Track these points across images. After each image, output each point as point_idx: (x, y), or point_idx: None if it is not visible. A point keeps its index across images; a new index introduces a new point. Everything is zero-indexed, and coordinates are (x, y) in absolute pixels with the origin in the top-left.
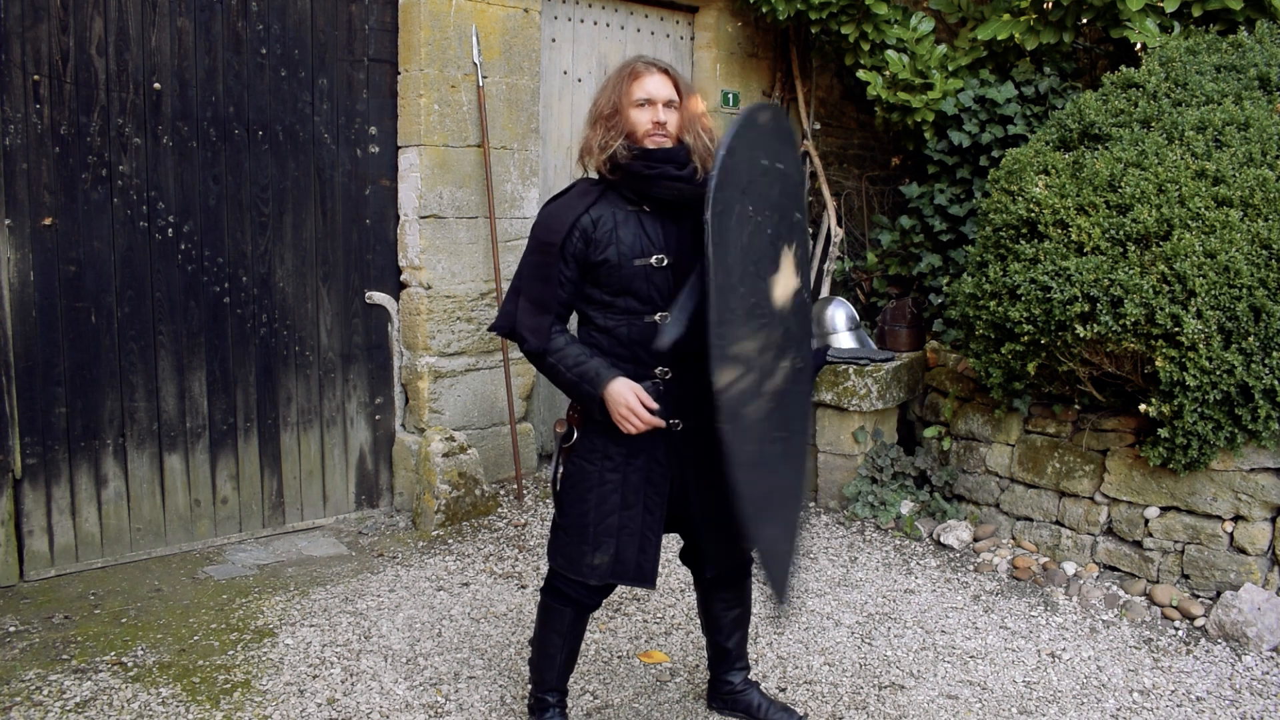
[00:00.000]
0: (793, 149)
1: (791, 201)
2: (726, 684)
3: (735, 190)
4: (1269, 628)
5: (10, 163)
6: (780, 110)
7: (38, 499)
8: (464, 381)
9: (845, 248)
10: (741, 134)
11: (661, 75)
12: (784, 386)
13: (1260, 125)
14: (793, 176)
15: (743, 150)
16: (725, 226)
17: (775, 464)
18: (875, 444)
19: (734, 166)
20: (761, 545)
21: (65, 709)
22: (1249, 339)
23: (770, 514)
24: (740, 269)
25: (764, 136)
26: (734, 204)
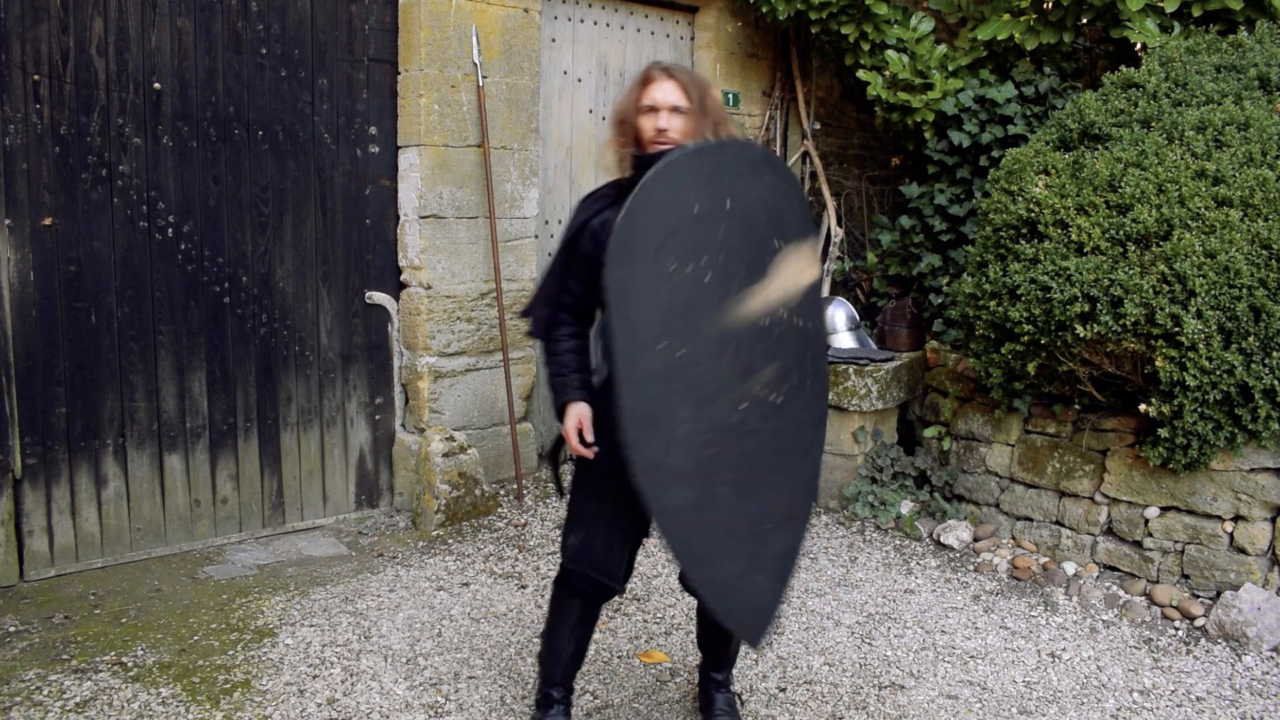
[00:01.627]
0: (761, 175)
1: (755, 237)
2: (707, 695)
3: (645, 250)
4: (1269, 628)
5: (10, 163)
6: (730, 144)
7: (38, 499)
8: (464, 381)
9: (845, 248)
10: (651, 190)
11: (671, 81)
12: (748, 425)
13: (1260, 125)
14: (756, 209)
15: (655, 206)
16: (631, 289)
17: (724, 507)
18: (875, 444)
19: (637, 227)
20: (704, 585)
21: (65, 709)
22: (1249, 339)
23: (721, 555)
24: (660, 326)
25: (698, 179)
26: (643, 265)
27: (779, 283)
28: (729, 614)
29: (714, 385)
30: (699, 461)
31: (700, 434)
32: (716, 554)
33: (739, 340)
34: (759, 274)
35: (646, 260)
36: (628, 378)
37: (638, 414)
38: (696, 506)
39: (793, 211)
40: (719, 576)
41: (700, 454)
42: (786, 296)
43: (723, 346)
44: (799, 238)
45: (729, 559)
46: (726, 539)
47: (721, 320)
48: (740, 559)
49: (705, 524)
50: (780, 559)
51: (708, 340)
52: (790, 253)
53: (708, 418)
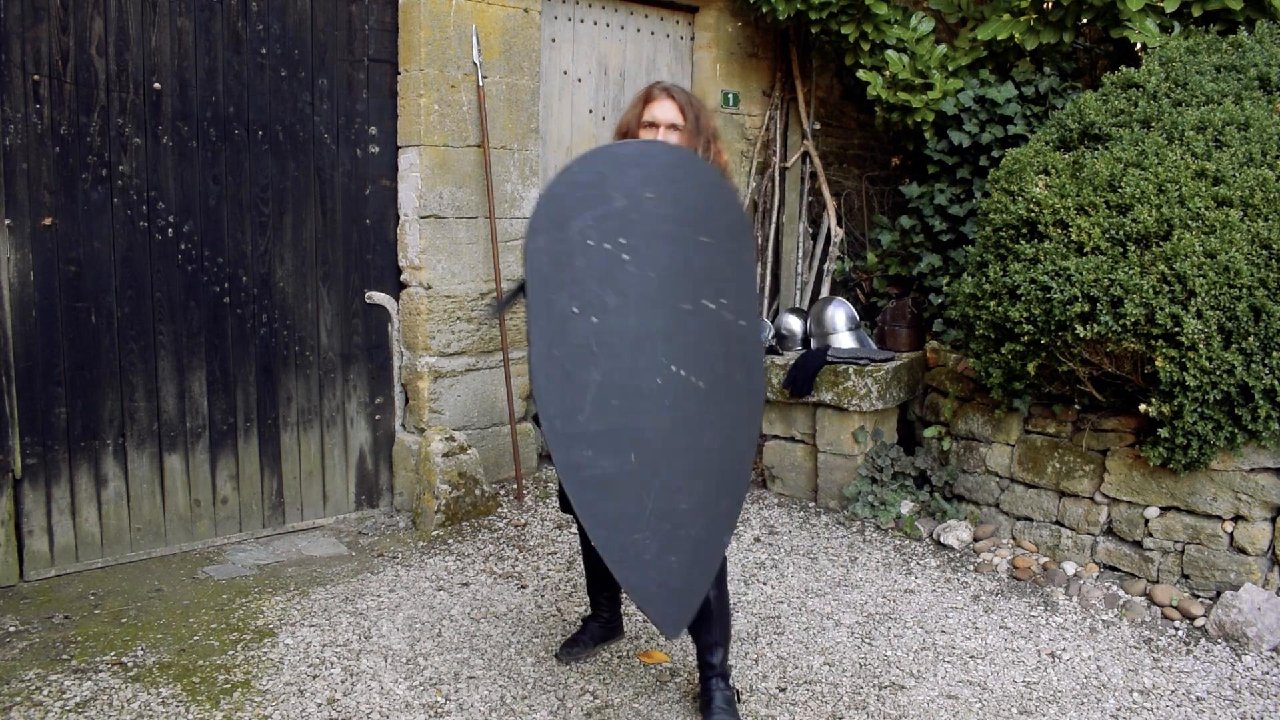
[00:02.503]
0: (691, 177)
1: (679, 230)
2: (706, 691)
3: (565, 223)
4: (1269, 628)
5: (10, 163)
6: (657, 146)
7: (38, 499)
8: (464, 381)
9: (845, 248)
10: (576, 171)
11: (670, 101)
12: (665, 400)
13: (1260, 125)
14: (682, 206)
15: (579, 186)
16: (549, 256)
17: (633, 476)
18: (875, 444)
19: (560, 202)
20: (609, 552)
21: (65, 709)
22: (1249, 339)
23: (629, 524)
24: (575, 291)
25: (624, 168)
26: (563, 235)
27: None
28: (638, 588)
29: (629, 356)
30: (609, 426)
31: (611, 398)
32: (623, 523)
33: (658, 319)
34: (682, 264)
35: (566, 232)
36: (540, 336)
37: (548, 370)
38: (604, 470)
39: (723, 215)
40: (625, 545)
41: (611, 418)
42: (715, 291)
43: (640, 321)
44: (731, 238)
45: (636, 530)
46: (635, 509)
47: (640, 298)
48: (649, 533)
49: (613, 489)
50: (698, 545)
51: (623, 314)
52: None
53: (621, 385)
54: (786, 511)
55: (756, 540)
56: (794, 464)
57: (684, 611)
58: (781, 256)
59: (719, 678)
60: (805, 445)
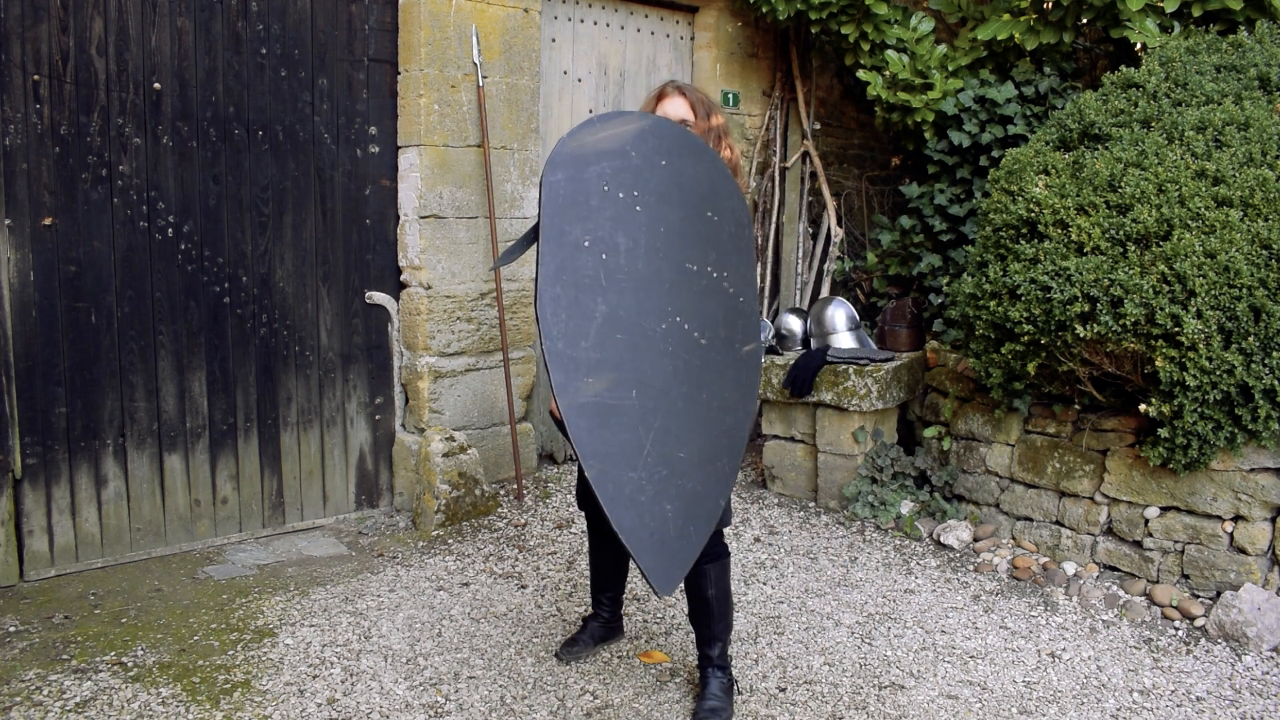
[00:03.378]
0: (700, 158)
1: (690, 198)
2: (702, 678)
3: (583, 165)
4: (1269, 628)
5: (10, 163)
6: (667, 123)
7: (38, 499)
8: (464, 381)
9: (845, 248)
10: (599, 124)
11: (681, 98)
12: (669, 345)
13: (1260, 125)
14: (691, 179)
15: (599, 137)
16: (564, 192)
17: (632, 413)
18: (875, 444)
19: (579, 147)
20: (603, 487)
21: (65, 709)
22: (1249, 339)
23: (625, 461)
24: (586, 227)
25: (640, 135)
26: (579, 174)
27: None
28: (632, 534)
29: (635, 297)
30: (611, 358)
31: (616, 331)
32: (620, 456)
33: (664, 270)
34: (689, 228)
35: (584, 173)
36: (548, 264)
37: (553, 295)
38: (603, 401)
39: (729, 200)
40: (621, 482)
41: (614, 351)
42: (717, 262)
43: (646, 266)
44: (734, 223)
45: (633, 468)
46: (633, 446)
47: (649, 248)
48: (646, 475)
49: (610, 423)
50: (694, 499)
51: (633, 255)
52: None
53: (625, 321)
54: (786, 511)
55: (756, 540)
56: (794, 464)
57: (677, 567)
58: (781, 256)
59: (716, 668)
60: (805, 445)
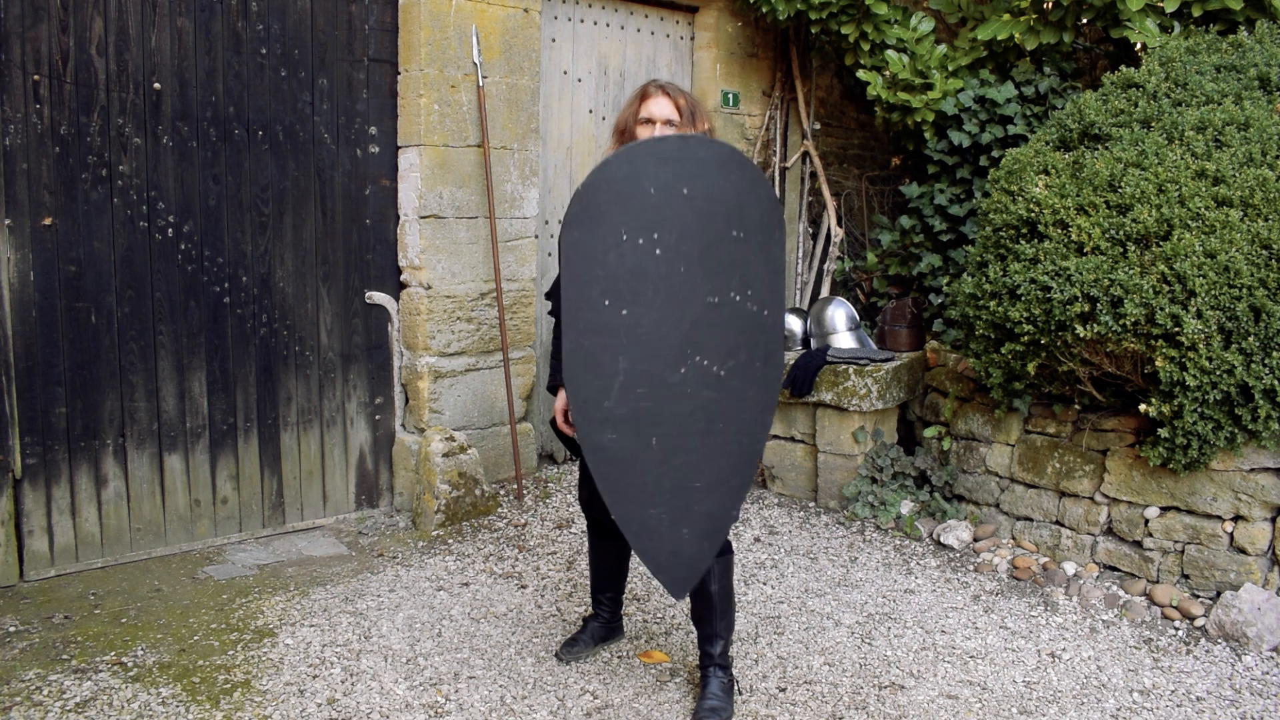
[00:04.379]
0: (725, 171)
1: (711, 224)
2: (703, 676)
3: (599, 217)
4: (1269, 628)
5: (10, 163)
6: (693, 139)
7: (38, 499)
8: (464, 381)
9: (845, 248)
10: (612, 166)
11: (666, 98)
12: (686, 389)
13: (1260, 125)
14: (715, 200)
15: (613, 181)
16: (583, 251)
17: (654, 458)
18: (875, 444)
19: (594, 197)
20: (627, 524)
21: (65, 709)
22: (1249, 339)
23: (647, 499)
24: (606, 285)
25: (658, 163)
26: (596, 230)
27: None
28: (652, 556)
29: (655, 346)
30: (633, 412)
31: (637, 386)
32: (642, 497)
33: (685, 312)
34: (711, 258)
35: (600, 226)
36: (571, 326)
37: (578, 358)
38: (627, 451)
39: (758, 206)
40: (643, 519)
41: (635, 404)
42: (742, 283)
43: (666, 314)
44: (762, 231)
45: (654, 505)
46: (653, 487)
47: (669, 291)
48: (665, 508)
49: (633, 469)
50: (709, 519)
51: (651, 306)
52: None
53: (645, 373)
54: (786, 511)
55: (756, 540)
56: (794, 464)
57: (692, 575)
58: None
59: (717, 667)
60: (805, 445)
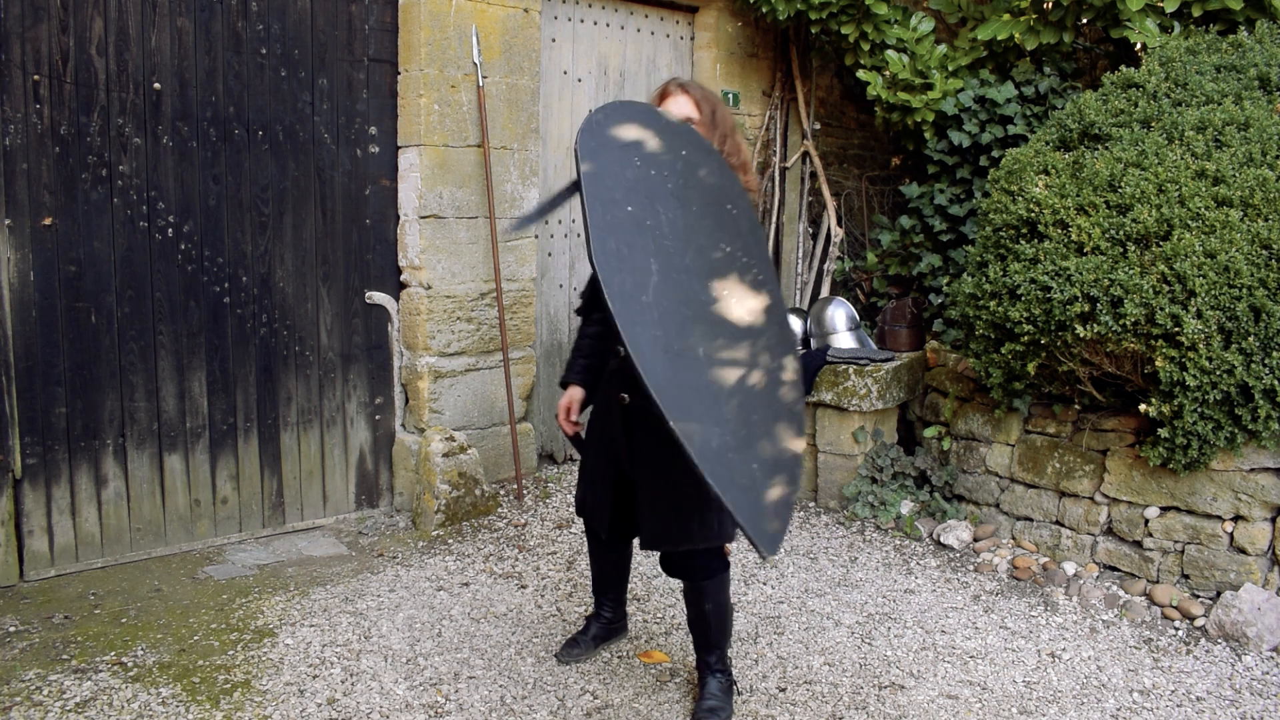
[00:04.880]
0: (712, 157)
1: (708, 192)
2: (700, 679)
3: (616, 146)
4: (1269, 628)
5: (10, 163)
6: (681, 125)
7: (38, 499)
8: (464, 381)
9: (845, 248)
10: (627, 104)
11: (685, 95)
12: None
13: (1260, 125)
14: (707, 180)
15: (627, 119)
16: (604, 169)
17: (700, 369)
18: (875, 444)
19: (609, 126)
20: (690, 439)
21: (65, 709)
22: (1249, 339)
23: (701, 414)
24: (626, 192)
25: (660, 123)
26: (614, 156)
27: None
28: (727, 490)
29: (680, 262)
30: (670, 314)
31: (669, 288)
32: (696, 410)
33: (702, 243)
34: (714, 213)
35: (616, 143)
36: (598, 225)
37: (612, 254)
38: (671, 355)
39: (740, 200)
40: (705, 437)
41: (672, 306)
42: (741, 261)
43: (688, 236)
44: (747, 221)
45: (711, 423)
46: (707, 401)
47: (685, 218)
48: (725, 432)
49: (682, 376)
50: (777, 464)
51: (673, 224)
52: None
53: (675, 281)
54: None
55: None
56: None
57: (781, 525)
58: (781, 256)
59: (714, 672)
60: (805, 445)
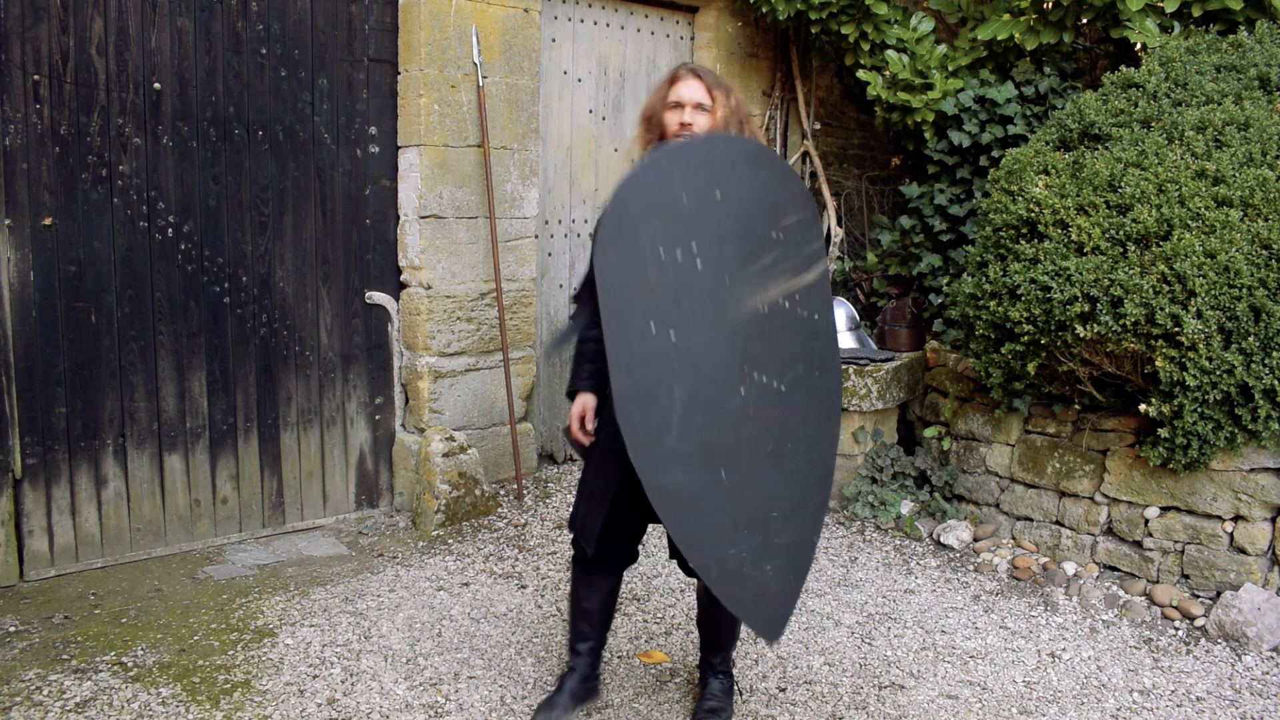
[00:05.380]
0: (756, 169)
1: (750, 227)
2: (702, 679)
3: (634, 236)
4: (1269, 628)
5: (10, 163)
6: (719, 138)
7: (38, 499)
8: (464, 381)
9: (845, 248)
10: (639, 178)
11: (696, 80)
12: (749, 410)
13: (1260, 125)
14: (749, 201)
15: (643, 195)
16: (621, 274)
17: (725, 492)
18: (875, 444)
19: (625, 214)
20: (707, 570)
21: (65, 709)
22: (1249, 339)
23: (724, 540)
24: (650, 309)
25: (686, 170)
26: (632, 250)
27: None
28: (737, 602)
29: (710, 368)
30: (696, 444)
31: (696, 415)
32: (718, 538)
33: (735, 326)
34: (754, 263)
35: (635, 244)
36: (618, 360)
37: (631, 394)
38: (695, 489)
39: (793, 205)
40: (722, 561)
41: (698, 436)
42: (788, 288)
43: (717, 331)
44: (800, 230)
45: (732, 544)
46: (729, 524)
47: (716, 305)
48: (745, 546)
49: (705, 507)
50: (792, 549)
51: (700, 325)
52: (791, 245)
53: (704, 400)
54: None
55: None
56: None
57: (783, 614)
58: None
59: (717, 673)
60: None
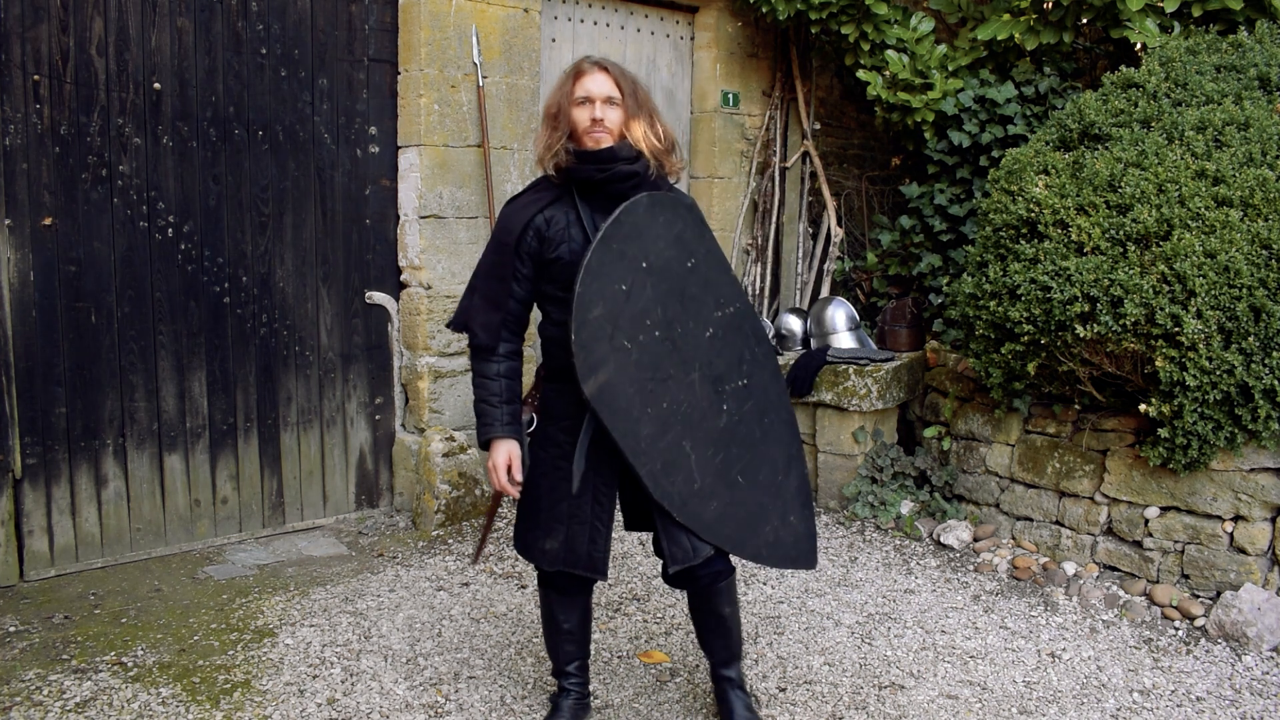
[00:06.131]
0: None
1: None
2: (725, 702)
3: (606, 277)
4: (1269, 628)
5: (10, 163)
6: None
7: (38, 499)
8: (464, 381)
9: (845, 248)
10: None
11: (602, 73)
12: (729, 420)
13: (1260, 125)
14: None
15: (617, 252)
16: (587, 291)
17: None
18: (875, 444)
19: (605, 262)
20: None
21: (65, 709)
22: (1249, 339)
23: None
24: (605, 308)
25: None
26: (603, 284)
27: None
28: (774, 554)
29: (690, 417)
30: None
31: (693, 470)
32: (753, 524)
33: (696, 367)
34: (691, 301)
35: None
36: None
37: (593, 367)
38: (697, 486)
39: (688, 226)
40: (759, 541)
41: (710, 478)
42: (716, 297)
43: (681, 377)
44: (701, 243)
45: (767, 521)
46: (747, 524)
47: (680, 357)
48: (775, 519)
49: (711, 506)
50: (798, 494)
51: (671, 381)
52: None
53: (691, 446)
54: None
55: None
56: None
57: (808, 549)
58: (781, 256)
59: (737, 689)
60: (805, 445)
